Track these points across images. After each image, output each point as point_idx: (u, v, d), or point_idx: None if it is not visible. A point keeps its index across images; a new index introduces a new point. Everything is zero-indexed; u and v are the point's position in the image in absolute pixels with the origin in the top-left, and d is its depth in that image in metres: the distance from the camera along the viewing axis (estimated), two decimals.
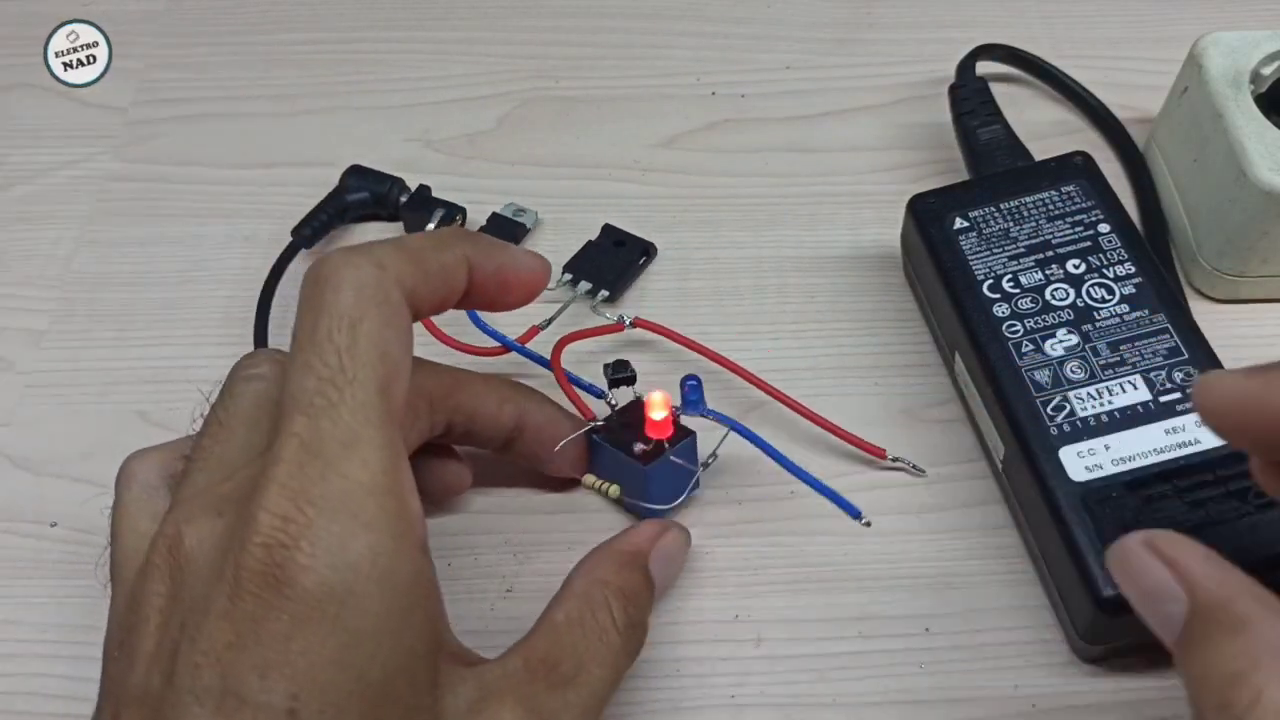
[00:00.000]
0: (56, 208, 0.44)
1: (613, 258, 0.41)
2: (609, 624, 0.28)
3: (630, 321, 0.38)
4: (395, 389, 0.25)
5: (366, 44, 0.50)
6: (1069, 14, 0.50)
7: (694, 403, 0.34)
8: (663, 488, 0.34)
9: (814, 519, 0.35)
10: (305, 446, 0.24)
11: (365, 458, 0.24)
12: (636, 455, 0.33)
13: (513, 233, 0.42)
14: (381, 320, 0.25)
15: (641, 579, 0.30)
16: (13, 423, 0.38)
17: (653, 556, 0.31)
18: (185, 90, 0.49)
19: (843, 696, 0.32)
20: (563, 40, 0.50)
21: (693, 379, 0.34)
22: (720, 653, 0.33)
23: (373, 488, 0.24)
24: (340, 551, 0.23)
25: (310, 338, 0.25)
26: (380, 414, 0.24)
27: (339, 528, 0.23)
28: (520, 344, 0.38)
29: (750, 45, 0.49)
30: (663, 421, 0.33)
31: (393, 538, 0.24)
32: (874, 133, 0.46)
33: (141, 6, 0.51)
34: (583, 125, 0.47)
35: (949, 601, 0.33)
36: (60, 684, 0.32)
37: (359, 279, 0.25)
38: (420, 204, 0.42)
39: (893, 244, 0.40)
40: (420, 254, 0.27)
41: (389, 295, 0.25)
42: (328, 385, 0.24)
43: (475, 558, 0.35)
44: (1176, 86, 0.41)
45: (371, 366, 0.24)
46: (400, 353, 0.26)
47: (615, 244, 0.41)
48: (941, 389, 0.38)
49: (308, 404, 0.24)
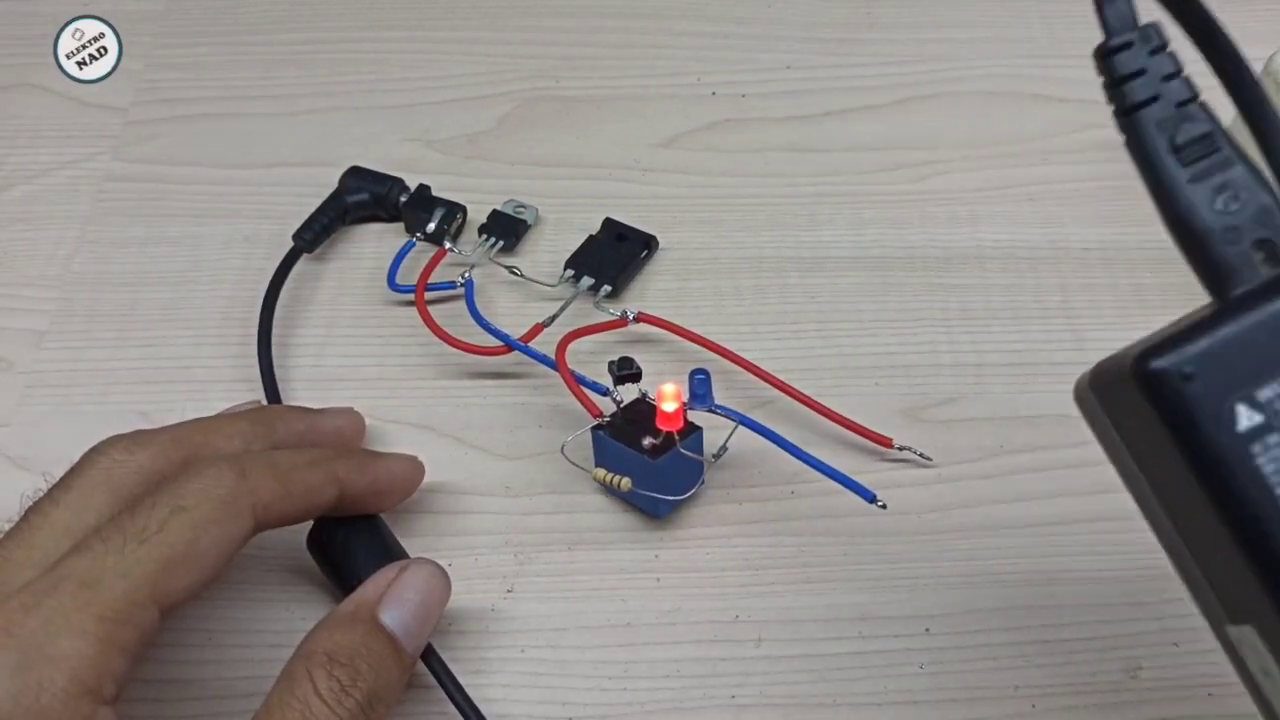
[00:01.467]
0: (56, 208, 0.44)
1: (614, 252, 0.41)
2: (311, 696, 0.26)
3: (634, 317, 0.38)
4: (171, 583, 0.27)
5: (366, 44, 0.50)
6: (1069, 14, 0.50)
7: (702, 397, 0.34)
8: (672, 481, 0.34)
9: (814, 519, 0.35)
10: (74, 583, 0.25)
11: (78, 649, 0.25)
12: (646, 449, 0.33)
13: (514, 229, 0.42)
14: (210, 519, 0.27)
15: (362, 635, 0.28)
16: (13, 423, 0.38)
17: (385, 603, 0.29)
18: (185, 90, 0.49)
19: (843, 696, 0.32)
20: (563, 40, 0.50)
21: (701, 373, 0.34)
22: (720, 653, 0.33)
23: (69, 676, 0.24)
24: None
25: (132, 508, 0.27)
26: (126, 606, 0.26)
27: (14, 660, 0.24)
28: (524, 343, 0.38)
29: (750, 45, 0.49)
30: (674, 413, 0.33)
31: None
32: (874, 133, 0.46)
33: (141, 6, 0.51)
34: (583, 125, 0.47)
35: (949, 601, 0.33)
36: None
37: (217, 477, 0.28)
38: (420, 203, 0.42)
39: (893, 244, 0.40)
40: (289, 474, 0.29)
41: (236, 503, 0.28)
42: (113, 555, 0.26)
43: (475, 558, 0.35)
44: None
45: (154, 560, 0.26)
46: (210, 549, 0.27)
47: (617, 238, 0.41)
48: (941, 389, 0.38)
49: (93, 564, 0.26)
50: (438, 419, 0.38)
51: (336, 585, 0.33)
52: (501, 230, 0.42)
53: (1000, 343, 0.39)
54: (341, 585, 0.32)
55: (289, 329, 0.40)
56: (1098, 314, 0.40)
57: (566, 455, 0.35)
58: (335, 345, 0.40)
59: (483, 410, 0.38)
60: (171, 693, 0.32)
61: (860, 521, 0.35)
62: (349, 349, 0.40)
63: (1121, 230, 0.42)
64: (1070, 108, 0.46)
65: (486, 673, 0.32)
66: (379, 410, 0.38)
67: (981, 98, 0.47)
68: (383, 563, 0.31)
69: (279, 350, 0.39)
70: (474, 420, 0.38)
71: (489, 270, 0.41)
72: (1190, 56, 0.22)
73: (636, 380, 0.34)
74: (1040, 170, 0.44)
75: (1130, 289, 0.41)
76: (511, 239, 0.42)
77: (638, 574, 0.34)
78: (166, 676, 0.32)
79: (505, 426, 0.38)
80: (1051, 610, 0.33)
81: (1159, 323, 0.22)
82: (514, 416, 0.38)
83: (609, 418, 0.34)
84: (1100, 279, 0.41)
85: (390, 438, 0.37)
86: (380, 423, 0.38)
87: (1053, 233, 0.42)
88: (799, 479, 0.36)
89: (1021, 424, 0.37)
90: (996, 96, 0.47)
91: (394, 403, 0.38)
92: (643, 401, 0.35)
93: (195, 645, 0.33)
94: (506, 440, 0.37)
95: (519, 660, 0.33)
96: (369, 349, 0.40)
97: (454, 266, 0.41)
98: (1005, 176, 0.44)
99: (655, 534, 0.35)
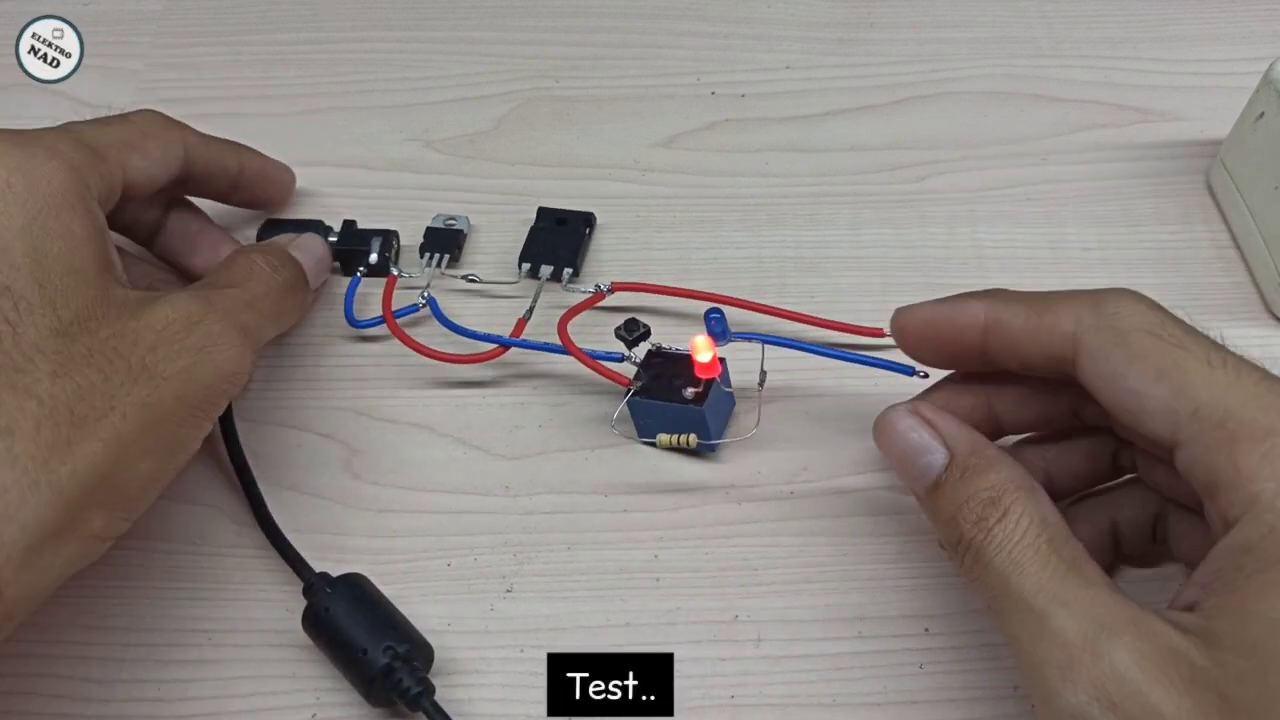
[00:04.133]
0: None
1: (559, 236, 0.41)
2: (254, 256, 0.35)
3: (608, 287, 0.39)
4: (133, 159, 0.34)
5: (366, 44, 0.50)
6: (1069, 14, 0.50)
7: (721, 333, 0.34)
8: (716, 419, 0.36)
9: (814, 519, 0.35)
10: None
11: None
12: (690, 399, 0.34)
13: (453, 240, 0.41)
14: None
15: (279, 251, 0.36)
16: None
17: (292, 246, 0.38)
18: (185, 90, 0.49)
19: (843, 696, 0.32)
20: (563, 40, 0.50)
21: (715, 311, 0.34)
22: (720, 653, 0.33)
23: None
24: None
25: None
26: None
27: None
28: (516, 338, 0.38)
29: (750, 45, 0.49)
30: (710, 362, 0.34)
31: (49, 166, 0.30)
32: (874, 133, 0.46)
33: (141, 6, 0.51)
34: (583, 125, 0.47)
35: (949, 601, 0.33)
36: (60, 684, 0.32)
37: None
38: (352, 239, 0.41)
39: (893, 244, 0.40)
40: None
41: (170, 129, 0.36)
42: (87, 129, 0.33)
43: (475, 558, 0.35)
44: (1250, 111, 0.40)
45: None
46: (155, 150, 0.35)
47: (558, 223, 0.42)
48: None
49: None
50: (437, 419, 0.38)
51: (337, 661, 0.32)
52: (441, 246, 0.41)
53: None
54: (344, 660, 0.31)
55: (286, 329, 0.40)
56: None
57: (617, 429, 0.36)
58: (334, 345, 0.40)
59: (482, 410, 0.38)
60: (171, 692, 0.32)
61: (860, 521, 0.35)
62: (347, 349, 0.40)
63: (1121, 230, 0.42)
64: (1070, 108, 0.46)
65: (486, 673, 0.32)
66: (379, 410, 0.38)
67: (981, 98, 0.47)
68: (388, 631, 0.31)
69: (276, 349, 0.39)
70: (474, 420, 0.38)
71: (443, 284, 0.41)
72: None
73: (647, 338, 0.35)
74: (1040, 170, 0.44)
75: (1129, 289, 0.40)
76: (454, 250, 0.41)
77: (638, 574, 0.34)
78: (166, 676, 0.32)
79: (505, 426, 0.38)
80: None
81: None
82: (513, 416, 0.38)
83: (639, 382, 0.35)
84: (1100, 279, 0.41)
85: (390, 437, 0.37)
86: (380, 422, 0.38)
87: (1053, 233, 0.42)
88: (799, 479, 0.36)
89: None
90: (996, 96, 0.47)
91: (394, 403, 0.38)
92: (657, 354, 0.36)
93: (195, 645, 0.33)
94: (506, 440, 0.37)
95: (519, 660, 0.33)
96: (369, 349, 0.40)
97: (408, 290, 0.40)
98: (1005, 176, 0.44)
99: (655, 534, 0.35)
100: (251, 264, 0.34)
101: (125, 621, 0.33)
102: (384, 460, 0.37)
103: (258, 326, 0.33)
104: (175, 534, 0.35)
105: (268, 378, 0.39)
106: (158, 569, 0.34)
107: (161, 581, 0.34)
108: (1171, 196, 0.43)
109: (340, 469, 0.37)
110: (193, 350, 0.29)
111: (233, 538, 0.35)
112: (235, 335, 0.31)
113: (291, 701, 0.32)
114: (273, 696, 0.32)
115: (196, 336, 0.30)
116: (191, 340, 0.30)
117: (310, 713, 0.32)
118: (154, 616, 0.34)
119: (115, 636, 0.33)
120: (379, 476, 0.36)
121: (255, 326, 0.32)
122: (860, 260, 0.42)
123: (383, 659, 0.30)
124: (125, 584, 0.34)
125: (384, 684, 0.30)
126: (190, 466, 0.36)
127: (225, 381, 0.30)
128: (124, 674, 0.33)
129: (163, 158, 0.35)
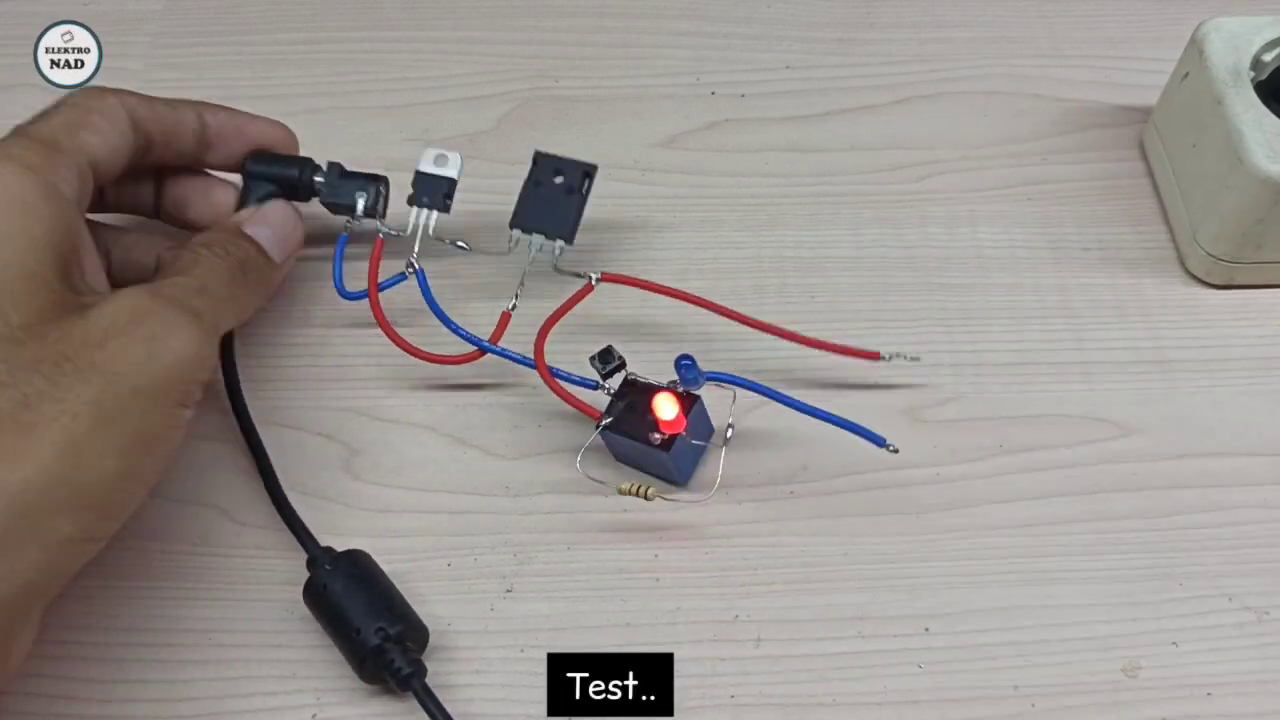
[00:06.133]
0: None
1: (554, 194, 0.38)
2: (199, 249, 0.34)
3: (598, 277, 0.37)
4: None
5: (366, 44, 0.50)
6: (1069, 14, 0.50)
7: (692, 380, 0.34)
8: (683, 461, 0.35)
9: (814, 519, 0.35)
10: None
11: None
12: (657, 445, 0.33)
13: (443, 188, 0.39)
14: None
15: (231, 233, 0.35)
16: None
17: (247, 223, 0.36)
18: (185, 90, 0.48)
19: (842, 696, 0.32)
20: (563, 40, 0.50)
21: (686, 359, 0.34)
22: (720, 653, 0.33)
23: None
24: None
25: None
26: None
27: None
28: (495, 341, 0.37)
29: (750, 45, 0.49)
30: (675, 419, 0.33)
31: None
32: (874, 133, 0.46)
33: (141, 6, 0.51)
34: (583, 125, 0.47)
35: (949, 601, 0.33)
36: (60, 684, 0.32)
37: None
38: (339, 184, 0.40)
39: (892, 244, 0.40)
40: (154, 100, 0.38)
41: None
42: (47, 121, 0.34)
43: (475, 558, 0.35)
44: (1178, 71, 0.41)
45: None
46: None
47: (554, 174, 0.38)
48: (941, 389, 0.38)
49: None
50: (437, 419, 0.38)
51: (333, 637, 0.32)
52: (431, 193, 0.39)
53: (1000, 343, 0.39)
54: (339, 636, 0.32)
55: (285, 329, 0.40)
56: (1097, 314, 0.40)
57: (583, 470, 0.34)
58: (333, 345, 0.40)
59: (482, 410, 0.38)
60: (171, 692, 0.32)
61: (860, 522, 0.35)
62: (346, 349, 0.40)
63: (1121, 230, 0.42)
64: (1070, 108, 0.46)
65: (486, 673, 0.32)
66: (379, 410, 0.38)
67: (981, 98, 0.47)
68: (382, 612, 0.31)
69: (275, 349, 0.39)
70: (474, 420, 0.38)
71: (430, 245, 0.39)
72: None
73: (622, 369, 0.34)
74: (1040, 170, 0.44)
75: (1130, 289, 0.41)
76: (445, 200, 0.39)
77: (638, 574, 0.34)
78: (166, 676, 0.32)
79: (505, 426, 0.38)
80: (1050, 610, 0.33)
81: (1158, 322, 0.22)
82: (513, 416, 0.38)
83: (610, 415, 0.34)
84: (1100, 279, 0.41)
85: (390, 437, 0.37)
86: (380, 422, 0.38)
87: (1052, 233, 0.42)
88: (799, 479, 0.36)
89: (1021, 424, 0.37)
90: (996, 96, 0.47)
91: (394, 403, 0.38)
92: (631, 384, 0.35)
93: (195, 645, 0.33)
94: (506, 440, 0.37)
95: (519, 660, 0.33)
96: (368, 348, 0.39)
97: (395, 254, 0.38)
98: (1005, 176, 0.44)
99: (655, 534, 0.35)
100: (197, 252, 0.34)
101: (125, 621, 0.33)
102: (384, 460, 0.37)
103: (212, 310, 0.32)
104: (175, 534, 0.35)
105: (268, 377, 0.39)
106: (158, 569, 0.34)
107: (161, 581, 0.34)
108: None
109: (340, 469, 0.37)
110: (143, 341, 0.29)
111: (233, 538, 0.35)
112: (186, 320, 0.30)
113: (291, 701, 0.32)
114: (273, 696, 0.32)
115: (146, 327, 0.29)
116: (141, 331, 0.29)
117: (310, 713, 0.32)
118: (154, 616, 0.34)
119: (115, 636, 0.33)
120: (379, 476, 0.36)
121: (209, 310, 0.32)
122: (860, 260, 0.42)
123: (374, 639, 0.31)
124: (125, 584, 0.34)
125: (375, 663, 0.31)
126: (190, 466, 0.36)
127: (183, 368, 0.30)
128: (124, 674, 0.33)
129: (113, 126, 0.35)
